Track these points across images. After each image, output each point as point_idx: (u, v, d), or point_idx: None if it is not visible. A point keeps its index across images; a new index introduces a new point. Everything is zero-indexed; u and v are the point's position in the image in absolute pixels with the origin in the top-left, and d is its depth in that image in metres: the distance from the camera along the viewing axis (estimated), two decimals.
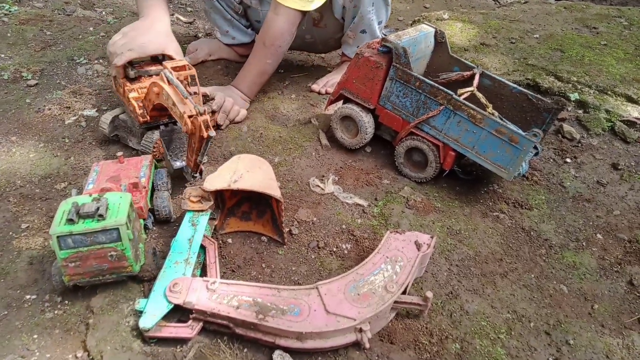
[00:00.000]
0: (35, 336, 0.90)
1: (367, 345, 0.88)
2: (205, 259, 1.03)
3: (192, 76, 1.17)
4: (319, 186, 1.33)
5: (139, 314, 0.90)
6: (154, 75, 1.30)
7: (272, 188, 1.07)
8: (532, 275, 1.14)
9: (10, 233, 1.12)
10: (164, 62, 1.17)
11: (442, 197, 1.33)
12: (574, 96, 1.76)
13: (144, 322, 0.87)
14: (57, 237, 0.83)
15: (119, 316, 0.92)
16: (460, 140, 1.24)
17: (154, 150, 1.28)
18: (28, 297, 0.98)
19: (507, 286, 1.10)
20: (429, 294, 0.94)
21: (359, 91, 1.38)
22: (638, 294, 1.11)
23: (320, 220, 1.22)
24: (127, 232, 0.88)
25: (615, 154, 1.55)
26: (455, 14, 2.29)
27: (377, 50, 1.33)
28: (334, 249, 1.15)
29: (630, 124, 1.62)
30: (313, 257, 1.13)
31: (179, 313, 0.92)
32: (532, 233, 1.26)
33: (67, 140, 1.42)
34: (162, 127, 1.26)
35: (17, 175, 1.29)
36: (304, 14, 1.53)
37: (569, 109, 1.73)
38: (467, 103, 1.20)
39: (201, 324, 0.90)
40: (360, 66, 1.34)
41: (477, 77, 1.34)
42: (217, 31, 1.91)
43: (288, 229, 1.17)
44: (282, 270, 1.09)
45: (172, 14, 2.45)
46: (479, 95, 1.30)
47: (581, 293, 1.11)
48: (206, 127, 0.98)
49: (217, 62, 1.94)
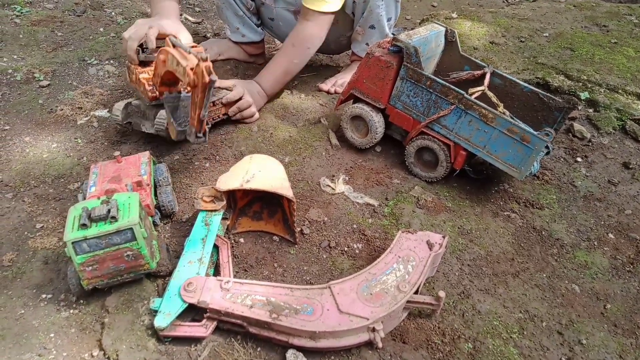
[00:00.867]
0: (51, 335, 0.92)
1: (380, 345, 0.89)
2: (218, 259, 1.04)
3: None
4: (329, 186, 1.34)
5: (153, 313, 0.91)
6: None
7: (284, 188, 1.08)
8: (544, 275, 1.14)
9: (26, 233, 1.14)
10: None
11: (453, 197, 1.33)
12: (584, 95, 1.75)
13: (159, 321, 0.88)
14: (72, 243, 0.84)
15: (134, 315, 0.93)
16: (472, 140, 1.24)
17: (167, 127, 1.28)
18: (44, 296, 0.99)
19: (519, 286, 1.10)
20: (442, 294, 0.94)
21: (369, 91, 1.38)
22: None
23: (331, 220, 1.23)
24: (141, 231, 0.88)
25: (627, 153, 1.54)
26: (464, 13, 2.28)
27: (387, 49, 1.33)
28: (345, 249, 1.15)
29: None
30: (324, 256, 1.13)
31: (193, 312, 0.93)
32: (543, 232, 1.25)
33: (79, 141, 1.44)
34: (166, 93, 1.20)
35: (31, 176, 1.30)
36: (332, 16, 1.57)
37: (580, 107, 1.72)
38: (478, 102, 1.20)
39: (215, 323, 0.91)
40: (371, 66, 1.34)
41: (488, 76, 1.34)
42: (227, 29, 1.91)
43: (299, 229, 1.18)
44: (294, 270, 1.09)
45: (181, 14, 2.46)
46: (490, 94, 1.29)
47: (593, 293, 1.11)
48: (208, 72, 0.97)
49: (226, 62, 1.94)
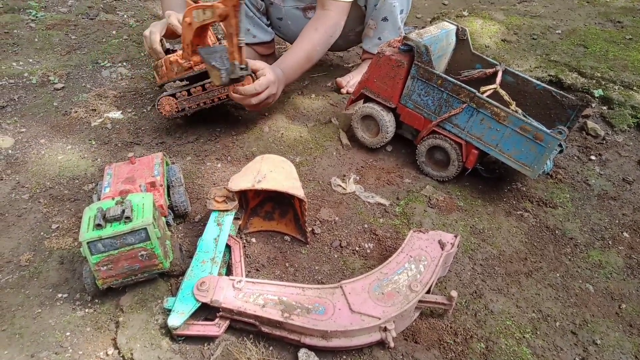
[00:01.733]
0: (67, 334, 0.93)
1: (392, 344, 0.89)
2: (230, 258, 1.05)
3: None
4: (340, 186, 1.34)
5: (167, 312, 0.92)
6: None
7: (296, 188, 1.08)
8: (558, 275, 1.13)
9: (42, 233, 1.16)
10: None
11: (465, 196, 1.33)
12: (598, 92, 1.72)
13: (173, 321, 0.89)
14: (87, 243, 0.86)
15: (148, 314, 0.94)
16: (483, 138, 1.23)
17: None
18: (60, 295, 1.01)
19: (532, 285, 1.09)
20: (454, 293, 0.94)
21: (380, 90, 1.38)
22: None
23: (342, 219, 1.23)
24: (154, 231, 0.90)
25: None
26: (475, 11, 2.26)
27: (398, 48, 1.33)
28: (357, 248, 1.15)
29: None
30: (336, 256, 1.13)
31: (206, 311, 0.94)
32: (557, 232, 1.24)
33: (93, 142, 1.46)
34: (200, 49, 1.26)
35: (47, 177, 1.32)
36: (350, 5, 1.58)
37: (593, 105, 1.70)
38: (490, 100, 1.19)
39: (228, 322, 0.92)
40: (382, 65, 1.34)
41: (499, 74, 1.33)
42: None
43: (310, 229, 1.18)
44: (306, 270, 1.10)
45: None
46: (502, 92, 1.28)
47: (608, 292, 1.10)
48: None
49: None
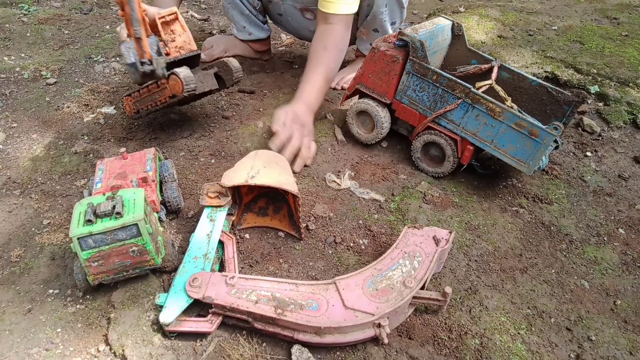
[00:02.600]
0: (58, 330, 0.92)
1: (386, 341, 0.88)
2: (223, 254, 1.04)
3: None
4: (335, 181, 1.33)
5: (159, 308, 0.91)
6: None
7: (289, 184, 1.07)
8: (553, 271, 1.12)
9: (33, 229, 1.14)
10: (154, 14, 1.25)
11: (460, 192, 1.32)
12: (594, 89, 1.72)
13: (164, 317, 0.88)
14: (78, 238, 0.85)
15: (139, 311, 0.93)
16: (479, 134, 1.23)
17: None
18: (51, 291, 1.00)
19: (527, 282, 1.09)
20: (448, 290, 0.93)
21: (375, 86, 1.37)
22: None
23: (337, 215, 1.22)
24: (146, 227, 0.88)
25: (637, 147, 1.52)
26: (472, 7, 2.26)
27: (393, 44, 1.32)
28: (351, 244, 1.15)
29: None
30: (330, 252, 1.13)
31: (198, 307, 0.93)
32: (552, 228, 1.24)
33: (86, 138, 1.44)
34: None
35: (39, 172, 1.31)
36: (353, 15, 1.54)
37: (589, 101, 1.70)
38: (485, 96, 1.18)
39: (220, 318, 0.91)
40: (377, 60, 1.33)
41: (495, 70, 1.32)
42: (233, 27, 1.91)
43: (305, 225, 1.17)
44: (300, 266, 1.09)
45: (187, 11, 2.47)
46: (498, 88, 1.28)
47: (603, 289, 1.09)
48: None
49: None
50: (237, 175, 1.09)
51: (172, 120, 1.54)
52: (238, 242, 1.12)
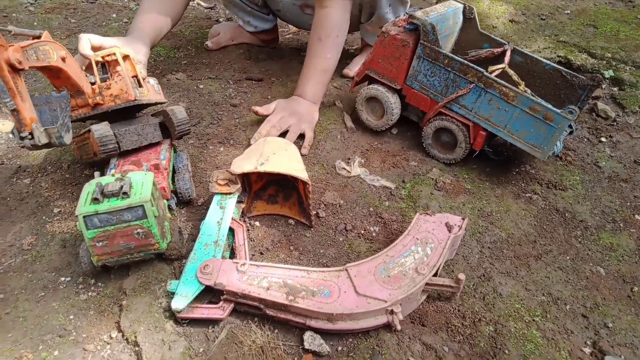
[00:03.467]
0: (71, 317, 0.92)
1: (399, 327, 0.87)
2: (233, 242, 1.03)
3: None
4: (345, 169, 1.31)
5: (170, 295, 0.91)
6: None
7: (299, 170, 1.06)
8: (568, 258, 1.11)
9: (44, 217, 1.14)
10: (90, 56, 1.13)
11: (472, 179, 1.30)
12: (608, 73, 1.69)
13: (176, 304, 0.87)
14: (84, 217, 0.84)
15: (151, 297, 0.93)
16: (492, 119, 1.20)
17: None
18: (63, 279, 1.00)
19: (542, 268, 1.07)
20: (461, 276, 0.92)
21: (384, 71, 1.35)
22: None
23: (347, 203, 1.21)
24: (152, 209, 0.88)
25: None
26: None
27: (403, 27, 1.30)
28: (362, 232, 1.14)
29: None
30: (341, 239, 1.12)
31: (210, 294, 0.92)
32: (566, 214, 1.22)
33: None
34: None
35: (48, 161, 1.31)
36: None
37: (604, 86, 1.66)
38: (498, 80, 1.16)
39: (232, 305, 0.91)
40: (386, 45, 1.31)
41: (508, 54, 1.29)
42: (238, 19, 1.89)
43: (315, 212, 1.16)
44: (310, 253, 1.08)
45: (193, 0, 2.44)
46: (511, 72, 1.25)
47: (619, 275, 1.07)
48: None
49: (239, 47, 1.92)
50: (247, 162, 1.08)
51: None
52: (248, 230, 1.11)
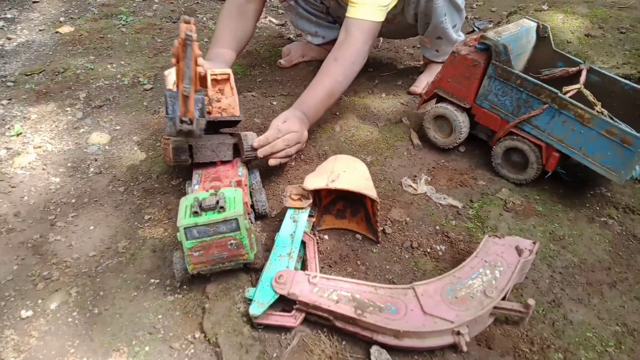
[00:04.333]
0: (159, 316, 1.02)
1: (465, 348, 0.89)
2: (305, 254, 1.10)
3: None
4: (411, 186, 1.34)
5: (248, 301, 0.99)
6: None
7: (368, 188, 1.11)
8: None
9: (136, 223, 1.27)
10: (207, 70, 1.24)
11: (544, 200, 1.28)
12: None
13: (254, 310, 0.95)
14: (184, 228, 0.94)
15: (231, 302, 1.02)
16: (565, 141, 1.18)
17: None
18: (152, 281, 1.11)
19: (616, 297, 1.04)
20: (531, 302, 0.92)
21: (454, 90, 1.36)
22: None
23: (414, 220, 1.24)
24: (244, 222, 0.96)
25: None
26: (556, 4, 2.15)
27: (474, 47, 1.31)
28: (428, 250, 1.16)
29: None
30: (407, 257, 1.15)
31: (283, 303, 0.99)
32: None
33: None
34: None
35: (139, 172, 1.45)
36: (378, 26, 1.46)
37: None
38: (573, 102, 1.14)
39: (304, 314, 0.97)
40: (457, 65, 1.32)
41: (584, 73, 1.26)
42: (306, 34, 1.98)
43: (382, 228, 1.20)
44: (377, 269, 1.12)
45: (265, 17, 2.57)
46: (586, 92, 1.22)
47: None
48: (187, 30, 0.94)
49: (309, 64, 2.01)
50: (318, 179, 1.15)
51: (255, 123, 1.63)
52: (318, 243, 1.17)
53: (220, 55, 1.52)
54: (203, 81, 1.23)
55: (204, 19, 2.58)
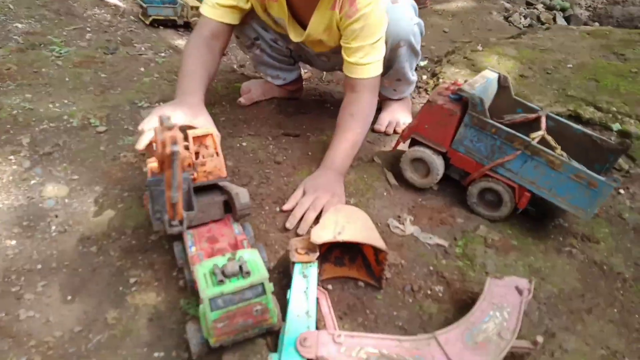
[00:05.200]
0: None
1: None
2: (318, 310, 1.09)
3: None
4: (398, 227, 1.40)
5: None
6: None
7: (376, 239, 1.14)
8: (615, 310, 1.21)
9: (121, 288, 1.16)
10: (187, 131, 1.16)
11: (517, 235, 1.41)
12: (615, 126, 1.85)
13: None
14: (210, 299, 0.89)
15: None
16: (537, 183, 1.32)
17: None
18: (156, 354, 1.02)
19: (595, 322, 1.18)
20: (539, 339, 1.01)
21: (431, 136, 1.45)
22: None
23: (408, 262, 1.29)
24: (269, 286, 0.93)
25: None
26: (489, 45, 2.38)
27: (448, 97, 1.41)
28: (428, 292, 1.21)
29: None
30: (410, 300, 1.19)
31: None
32: (604, 267, 1.33)
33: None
34: (149, 178, 1.08)
35: (111, 227, 1.33)
36: (379, 77, 1.54)
37: (612, 139, 1.82)
38: (544, 149, 1.28)
39: None
40: (433, 113, 1.41)
41: (544, 120, 1.42)
42: (267, 77, 1.98)
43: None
44: (385, 316, 1.15)
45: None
46: (549, 137, 1.37)
47: None
48: (171, 142, 0.85)
49: (270, 101, 2.00)
50: (325, 232, 1.15)
51: (229, 167, 1.58)
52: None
53: (196, 91, 1.45)
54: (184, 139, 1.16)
55: (142, 48, 2.45)
